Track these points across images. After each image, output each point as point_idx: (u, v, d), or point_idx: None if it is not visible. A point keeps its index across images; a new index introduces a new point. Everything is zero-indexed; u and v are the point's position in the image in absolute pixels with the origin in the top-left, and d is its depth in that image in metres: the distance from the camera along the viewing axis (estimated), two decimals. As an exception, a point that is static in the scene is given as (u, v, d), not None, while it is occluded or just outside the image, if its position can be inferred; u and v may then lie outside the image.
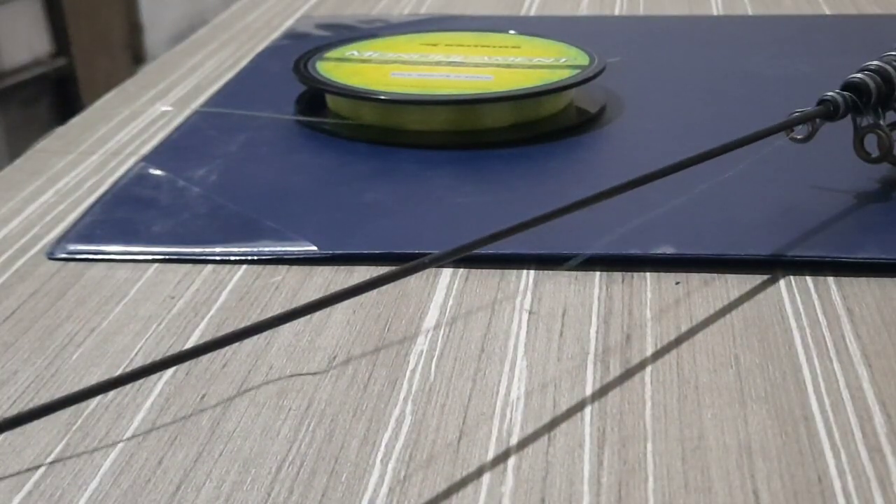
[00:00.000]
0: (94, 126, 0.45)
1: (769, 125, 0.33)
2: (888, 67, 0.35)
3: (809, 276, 0.31)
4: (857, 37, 0.33)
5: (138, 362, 0.28)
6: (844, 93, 0.34)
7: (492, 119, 0.42)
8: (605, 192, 0.28)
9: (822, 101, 0.34)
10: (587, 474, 0.23)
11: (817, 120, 0.34)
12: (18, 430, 0.25)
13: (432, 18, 0.62)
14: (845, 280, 0.30)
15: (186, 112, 0.46)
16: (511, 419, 0.25)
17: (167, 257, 0.33)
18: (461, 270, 0.32)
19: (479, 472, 0.23)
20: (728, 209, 0.34)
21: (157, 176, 0.39)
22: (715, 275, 0.31)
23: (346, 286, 0.25)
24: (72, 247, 0.34)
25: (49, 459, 0.24)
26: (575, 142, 0.41)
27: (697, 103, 0.45)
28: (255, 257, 0.33)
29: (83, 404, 0.26)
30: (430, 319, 0.29)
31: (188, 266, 0.33)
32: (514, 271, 0.31)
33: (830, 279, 0.30)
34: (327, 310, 0.29)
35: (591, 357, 0.27)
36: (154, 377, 0.27)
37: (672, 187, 0.32)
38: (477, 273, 0.31)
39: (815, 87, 0.36)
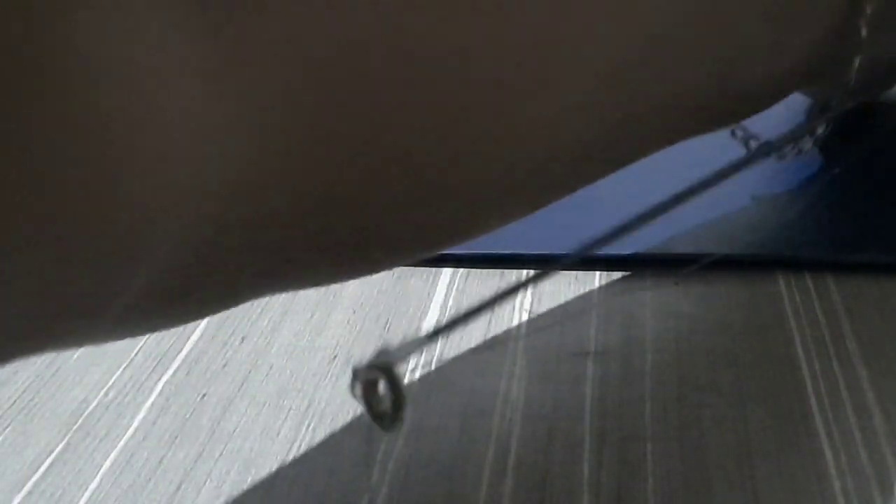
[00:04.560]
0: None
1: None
2: None
3: (809, 276, 0.31)
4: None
5: (139, 362, 0.28)
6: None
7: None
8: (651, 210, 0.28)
9: None
10: (587, 474, 0.23)
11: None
12: (19, 429, 0.25)
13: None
14: (845, 280, 0.30)
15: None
16: (511, 419, 0.25)
17: (167, 257, 0.33)
18: (461, 270, 0.32)
19: (478, 472, 0.23)
20: (728, 209, 0.34)
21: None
22: (715, 275, 0.31)
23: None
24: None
25: (49, 459, 0.24)
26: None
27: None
28: (256, 257, 0.33)
29: (83, 404, 0.26)
30: (430, 319, 0.29)
31: (188, 266, 0.33)
32: (514, 271, 0.31)
33: (830, 279, 0.30)
34: (327, 310, 0.29)
35: (590, 357, 0.27)
36: (154, 377, 0.27)
37: (671, 186, 0.32)
38: (477, 273, 0.31)
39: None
